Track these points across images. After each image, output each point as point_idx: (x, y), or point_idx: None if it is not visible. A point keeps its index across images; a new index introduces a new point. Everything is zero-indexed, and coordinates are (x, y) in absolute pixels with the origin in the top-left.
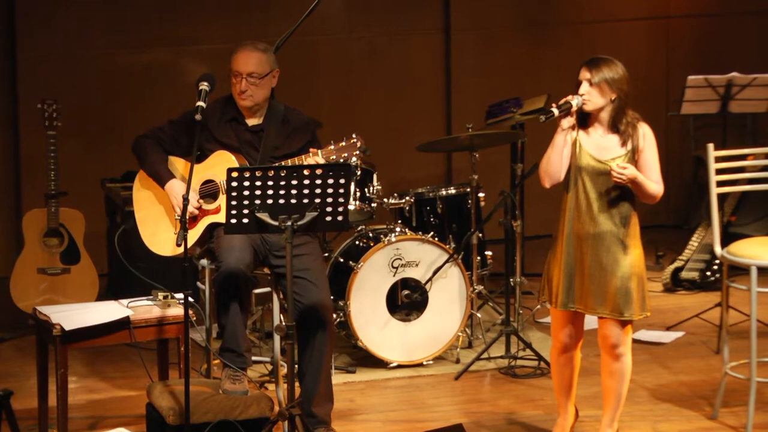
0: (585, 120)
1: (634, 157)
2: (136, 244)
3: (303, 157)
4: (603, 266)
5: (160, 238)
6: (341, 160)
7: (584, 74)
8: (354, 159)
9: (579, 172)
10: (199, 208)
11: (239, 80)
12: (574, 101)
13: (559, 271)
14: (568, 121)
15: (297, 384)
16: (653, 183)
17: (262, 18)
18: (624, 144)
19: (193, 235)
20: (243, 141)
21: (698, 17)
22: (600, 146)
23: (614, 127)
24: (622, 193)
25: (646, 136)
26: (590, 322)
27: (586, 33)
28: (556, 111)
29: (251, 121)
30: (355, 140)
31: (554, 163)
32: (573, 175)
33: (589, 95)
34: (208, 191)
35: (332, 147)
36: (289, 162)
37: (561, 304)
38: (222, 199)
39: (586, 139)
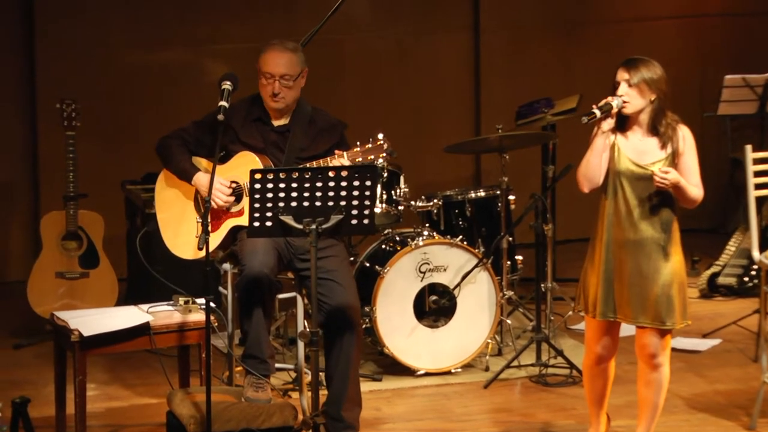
0: (623, 123)
1: (674, 161)
2: (156, 248)
3: (328, 159)
4: (644, 274)
5: (182, 240)
6: (367, 162)
7: (622, 75)
8: (380, 161)
9: (618, 177)
10: (226, 210)
11: (271, 82)
12: (615, 102)
13: (597, 280)
14: (608, 123)
15: (321, 392)
16: (694, 187)
17: (285, 17)
18: (664, 147)
19: (216, 237)
20: (268, 142)
21: (733, 16)
22: (639, 150)
23: (653, 129)
24: (663, 199)
25: (686, 138)
26: (625, 329)
27: (617, 32)
28: (598, 112)
29: (277, 122)
30: (381, 142)
31: (594, 168)
32: (611, 181)
33: (629, 96)
34: (232, 193)
35: (358, 149)
36: (315, 164)
37: (600, 313)
38: (246, 201)
39: (625, 143)
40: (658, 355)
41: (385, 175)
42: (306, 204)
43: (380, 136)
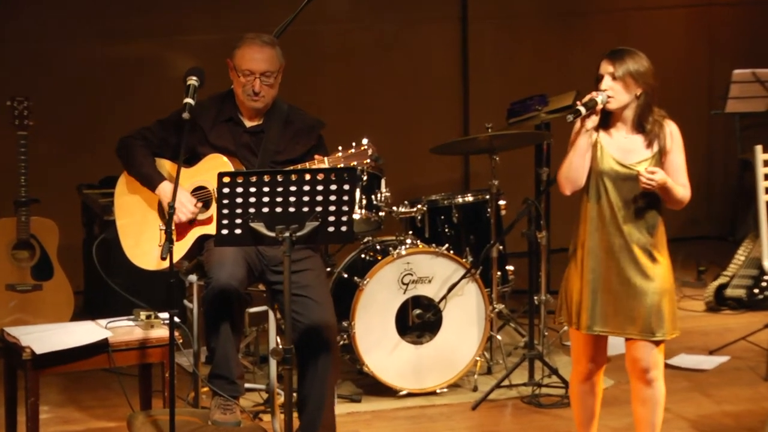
0: (606, 119)
1: (661, 159)
2: (116, 257)
3: (307, 164)
4: (631, 281)
5: (143, 249)
6: None
7: (606, 67)
8: (363, 168)
9: (601, 178)
10: (192, 220)
11: (251, 80)
12: (599, 98)
13: (582, 289)
14: (592, 121)
15: (296, 415)
16: (681, 187)
17: (256, 5)
18: (650, 145)
19: (181, 247)
20: (240, 144)
21: (744, 5)
22: (624, 148)
23: (639, 126)
24: (649, 200)
25: (673, 135)
26: (617, 346)
27: (618, 22)
28: (582, 109)
29: (250, 122)
30: (365, 147)
31: (576, 168)
32: (594, 181)
33: (613, 91)
34: (200, 199)
35: (340, 154)
36: (291, 169)
37: (584, 326)
38: (214, 208)
39: (608, 141)
40: (651, 369)
41: (365, 178)
42: (279, 210)
43: (365, 141)
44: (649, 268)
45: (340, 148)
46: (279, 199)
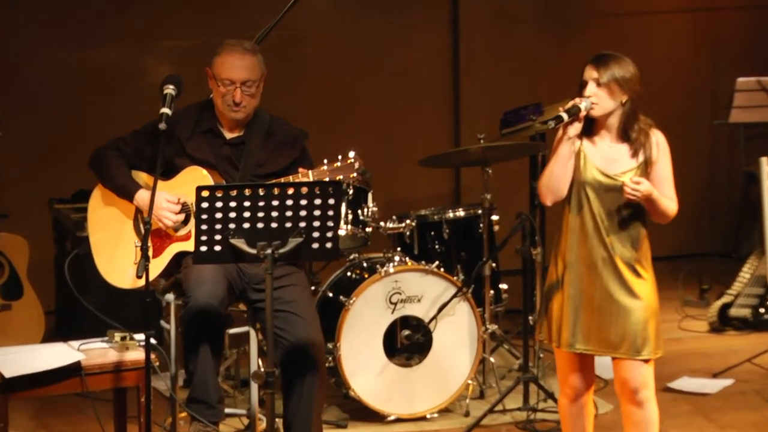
0: (590, 127)
1: (646, 170)
2: (89, 275)
3: (291, 178)
4: (615, 298)
5: (118, 266)
6: None
7: (590, 73)
8: (351, 182)
9: (583, 188)
10: (171, 233)
11: (232, 90)
12: (583, 104)
13: (562, 305)
14: (575, 128)
15: None
16: (668, 200)
17: (236, 9)
18: (635, 155)
19: (158, 265)
20: (220, 156)
21: (749, 9)
22: (608, 158)
23: (624, 135)
24: (633, 212)
25: (660, 144)
26: (607, 367)
27: (617, 27)
28: (565, 115)
29: (230, 134)
30: (352, 160)
31: (558, 178)
32: (576, 192)
33: (597, 98)
34: (180, 211)
35: (325, 167)
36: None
37: (566, 344)
38: (193, 224)
39: (592, 150)
40: (641, 389)
41: (351, 192)
42: (260, 226)
43: (351, 153)
44: (634, 285)
45: (325, 161)
46: (261, 214)
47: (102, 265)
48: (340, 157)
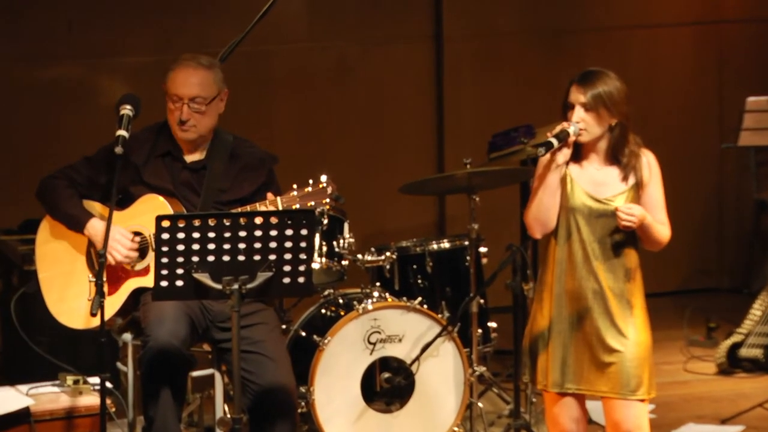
0: (576, 151)
1: (638, 193)
2: (38, 312)
3: (257, 205)
4: (605, 333)
5: (70, 306)
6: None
7: (577, 96)
8: (322, 208)
9: (572, 215)
10: (128, 268)
11: (179, 107)
12: (571, 129)
13: (548, 343)
14: (564, 155)
15: None
16: (661, 225)
17: (198, 22)
18: (625, 178)
19: (114, 302)
20: (179, 182)
21: (758, 22)
22: (596, 181)
23: (613, 157)
24: (625, 239)
25: (651, 166)
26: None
27: (616, 41)
28: (555, 141)
29: (190, 157)
30: (324, 185)
31: (547, 208)
32: (564, 219)
33: (585, 123)
34: (137, 247)
35: (295, 193)
36: (240, 210)
37: (553, 384)
38: (152, 257)
39: (579, 174)
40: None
41: (325, 222)
42: (226, 258)
43: (323, 177)
44: (626, 319)
45: (295, 186)
46: (226, 246)
47: (52, 304)
48: (311, 181)
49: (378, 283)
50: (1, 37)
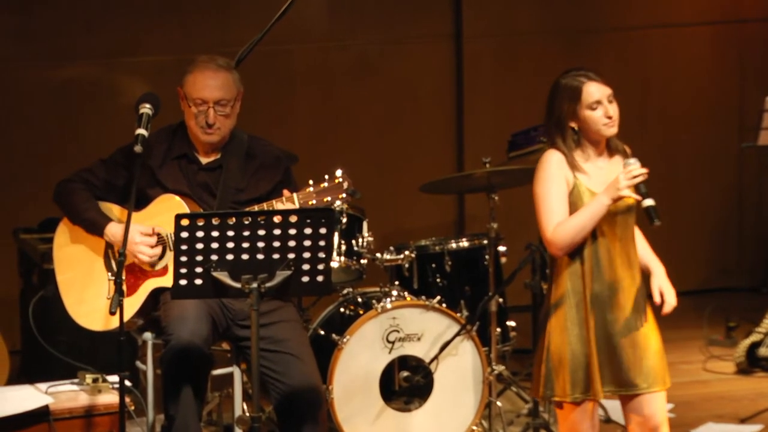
0: (581, 151)
1: None
2: (57, 312)
3: (273, 202)
4: (634, 330)
5: (89, 308)
6: (322, 205)
7: (602, 90)
8: (339, 203)
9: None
10: (143, 271)
11: (204, 110)
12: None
13: (591, 351)
14: (629, 189)
15: None
16: None
17: (218, 21)
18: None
19: (133, 303)
20: (196, 183)
21: None
22: (606, 180)
23: (608, 148)
24: (633, 234)
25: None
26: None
27: (634, 41)
28: (652, 201)
29: (206, 158)
30: (340, 180)
31: (587, 234)
32: None
33: (616, 115)
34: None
35: (311, 189)
36: (256, 208)
37: (598, 392)
38: (170, 257)
39: (587, 180)
40: (662, 424)
41: (344, 220)
42: (245, 257)
43: (339, 172)
44: (648, 312)
45: (311, 182)
46: (245, 245)
47: (71, 306)
48: (326, 176)
49: (397, 282)
50: (21, 36)
